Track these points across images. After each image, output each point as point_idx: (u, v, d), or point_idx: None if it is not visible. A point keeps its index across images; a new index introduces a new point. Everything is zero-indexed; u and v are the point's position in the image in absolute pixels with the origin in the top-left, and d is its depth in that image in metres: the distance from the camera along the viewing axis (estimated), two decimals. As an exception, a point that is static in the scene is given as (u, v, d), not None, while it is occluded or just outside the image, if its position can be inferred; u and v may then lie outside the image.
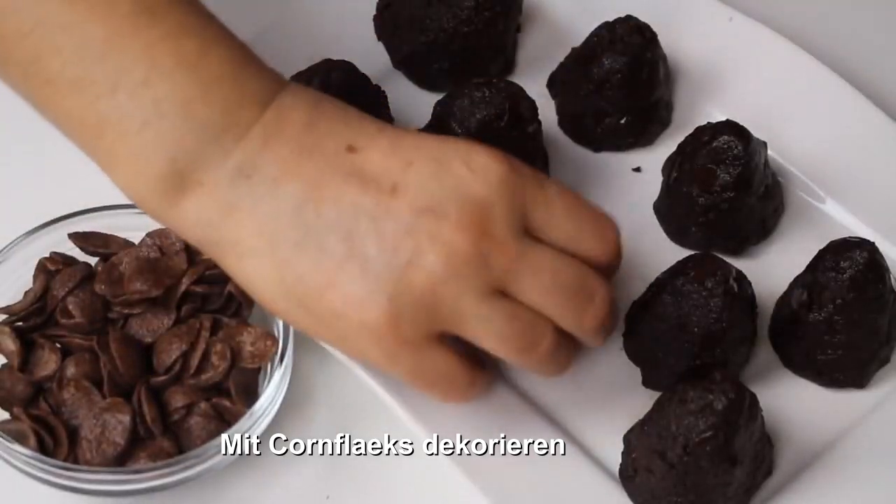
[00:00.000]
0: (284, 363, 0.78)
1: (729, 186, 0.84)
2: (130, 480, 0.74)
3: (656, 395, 0.78)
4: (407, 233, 0.67)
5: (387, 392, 0.78)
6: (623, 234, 0.88)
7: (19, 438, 0.75)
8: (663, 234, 0.88)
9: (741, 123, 0.85)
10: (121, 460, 0.75)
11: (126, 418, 0.75)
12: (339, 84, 0.84)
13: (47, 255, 0.81)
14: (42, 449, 0.75)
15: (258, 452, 0.78)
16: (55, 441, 0.75)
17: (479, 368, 0.72)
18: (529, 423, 0.79)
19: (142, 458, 0.75)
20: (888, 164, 0.89)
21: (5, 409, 0.77)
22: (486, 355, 0.72)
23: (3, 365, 0.78)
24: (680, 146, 0.87)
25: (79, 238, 0.81)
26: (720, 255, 0.81)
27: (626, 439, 0.78)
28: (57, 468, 0.74)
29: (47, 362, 0.77)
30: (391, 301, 0.67)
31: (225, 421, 0.77)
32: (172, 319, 0.78)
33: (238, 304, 0.80)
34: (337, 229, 0.67)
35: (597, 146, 0.92)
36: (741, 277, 0.80)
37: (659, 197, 0.89)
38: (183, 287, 0.78)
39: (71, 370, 0.77)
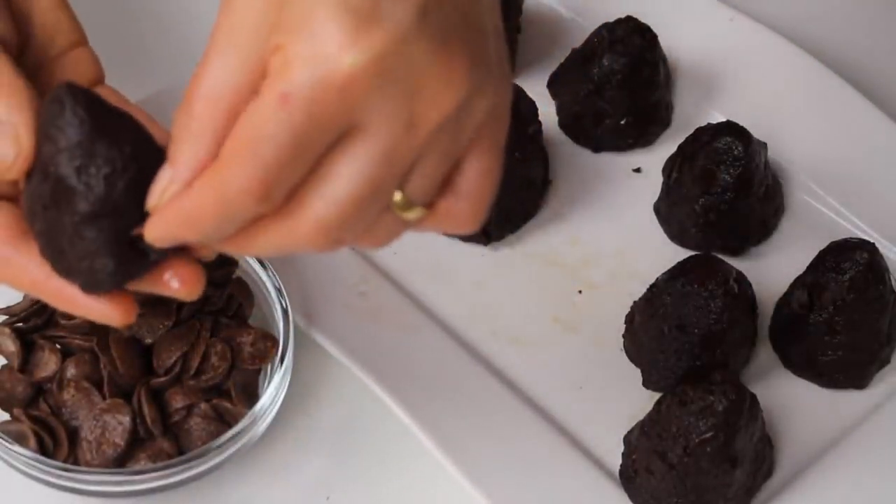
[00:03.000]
0: (285, 364, 0.78)
1: (729, 187, 0.84)
2: (130, 481, 0.74)
3: (656, 395, 0.78)
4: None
5: (387, 392, 0.78)
6: (623, 235, 0.89)
7: (19, 439, 0.75)
8: (663, 235, 0.89)
9: (741, 124, 0.85)
10: (121, 461, 0.75)
11: (126, 419, 0.75)
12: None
13: (47, 255, 0.81)
14: (42, 450, 0.75)
15: (258, 453, 0.79)
16: (55, 442, 0.75)
17: None
18: (529, 423, 0.79)
19: (142, 459, 0.75)
20: (888, 164, 0.89)
21: (5, 409, 0.77)
22: None
23: (3, 366, 0.78)
24: (680, 147, 0.87)
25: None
26: (720, 256, 0.81)
27: (627, 440, 0.78)
28: (57, 469, 0.74)
29: (47, 363, 0.77)
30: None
31: (225, 422, 0.77)
32: (172, 320, 0.78)
33: (238, 304, 0.80)
34: None
35: (597, 146, 0.92)
36: (741, 278, 0.80)
37: (659, 197, 0.89)
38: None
39: (71, 371, 0.77)
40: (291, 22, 0.54)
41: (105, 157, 0.57)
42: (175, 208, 0.57)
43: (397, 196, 0.57)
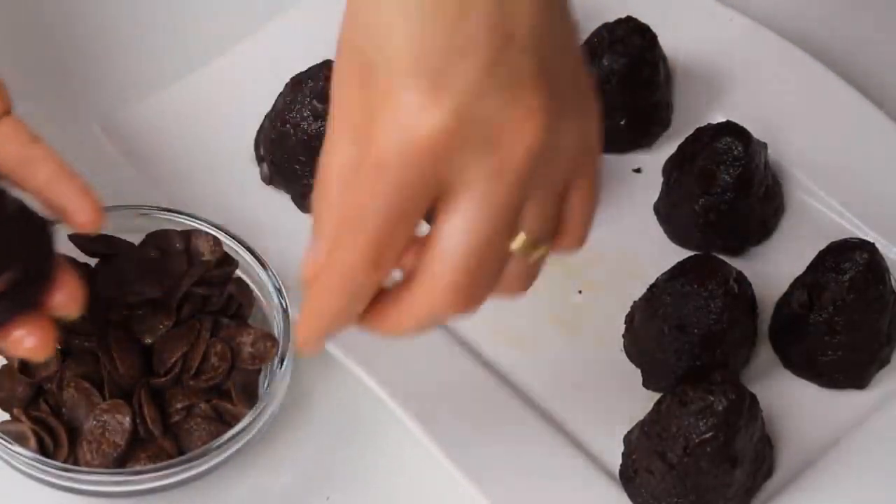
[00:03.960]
0: (285, 364, 0.78)
1: (729, 187, 0.84)
2: (130, 481, 0.74)
3: (656, 395, 0.78)
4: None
5: (387, 392, 0.78)
6: (623, 235, 0.89)
7: (19, 439, 0.75)
8: (663, 235, 0.88)
9: (741, 124, 0.85)
10: (121, 461, 0.75)
11: (126, 419, 0.75)
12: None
13: (48, 255, 0.81)
14: (42, 450, 0.75)
15: (258, 453, 0.79)
16: (55, 442, 0.75)
17: None
18: (529, 423, 0.79)
19: (142, 459, 0.75)
20: (888, 164, 0.89)
21: (5, 409, 0.77)
22: None
23: (3, 366, 0.78)
24: (680, 147, 0.87)
25: (79, 239, 0.81)
26: (720, 256, 0.81)
27: (627, 440, 0.78)
28: (57, 470, 0.74)
29: (48, 363, 0.77)
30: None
31: (225, 422, 0.77)
32: (172, 321, 0.78)
33: (239, 305, 0.80)
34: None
35: (597, 146, 0.92)
36: (741, 278, 0.80)
37: (659, 198, 0.89)
38: (183, 288, 0.78)
39: (71, 371, 0.77)
40: (379, 90, 0.58)
41: None
42: (307, 304, 0.62)
43: (518, 241, 0.60)
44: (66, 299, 0.67)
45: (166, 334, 0.77)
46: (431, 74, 0.56)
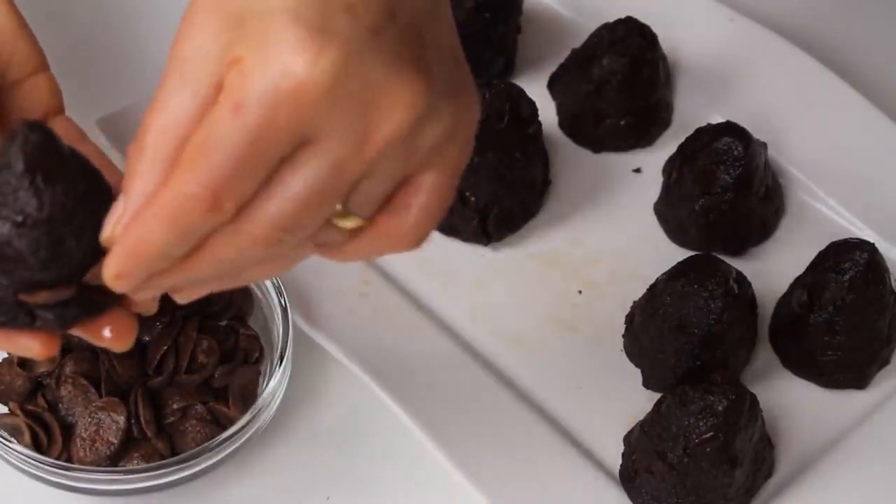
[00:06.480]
0: (284, 363, 0.78)
1: (729, 187, 0.84)
2: (123, 480, 0.74)
3: (656, 396, 0.78)
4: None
5: (387, 392, 0.78)
6: (623, 235, 0.89)
7: (14, 434, 0.75)
8: (663, 235, 0.89)
9: (741, 124, 0.85)
10: (114, 460, 0.75)
11: (121, 418, 0.75)
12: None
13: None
14: (36, 445, 0.75)
15: (259, 453, 0.79)
16: (49, 438, 0.75)
17: None
18: (529, 423, 0.79)
19: (135, 459, 0.75)
20: (888, 164, 0.89)
21: (3, 402, 0.77)
22: None
23: (3, 359, 0.79)
24: (680, 147, 0.87)
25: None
26: (720, 256, 0.81)
27: (627, 440, 0.78)
28: (49, 466, 0.74)
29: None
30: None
31: (221, 425, 0.77)
32: (168, 318, 0.78)
33: (238, 305, 0.80)
34: None
35: (597, 147, 0.92)
36: (741, 278, 0.80)
37: (659, 198, 0.89)
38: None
39: (69, 367, 0.77)
40: (249, 35, 0.54)
41: (17, 209, 0.56)
42: (129, 232, 0.56)
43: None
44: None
45: (159, 332, 0.77)
46: (315, 22, 0.53)
